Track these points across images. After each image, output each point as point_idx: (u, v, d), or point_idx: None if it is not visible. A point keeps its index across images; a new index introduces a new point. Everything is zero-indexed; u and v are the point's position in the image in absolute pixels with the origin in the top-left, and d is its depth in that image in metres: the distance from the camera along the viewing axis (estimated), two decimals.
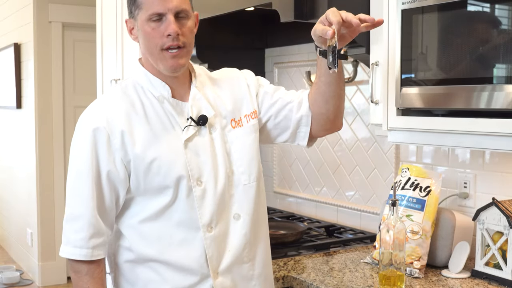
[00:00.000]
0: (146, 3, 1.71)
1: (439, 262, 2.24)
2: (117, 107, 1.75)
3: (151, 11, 1.70)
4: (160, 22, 1.71)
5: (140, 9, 1.73)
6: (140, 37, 1.77)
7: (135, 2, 1.74)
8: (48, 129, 5.81)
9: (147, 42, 1.74)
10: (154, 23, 1.71)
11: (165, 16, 1.70)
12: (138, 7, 1.73)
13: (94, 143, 1.72)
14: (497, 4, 1.79)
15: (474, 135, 1.89)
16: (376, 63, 2.33)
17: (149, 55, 1.77)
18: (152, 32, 1.71)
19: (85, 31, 5.79)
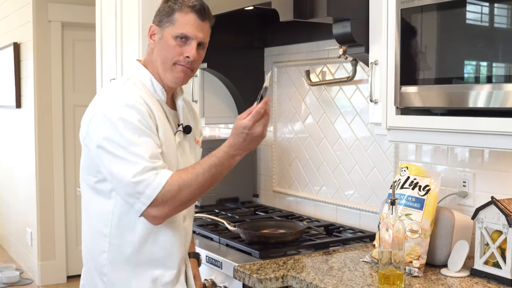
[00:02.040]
0: (180, 23, 1.94)
1: (438, 261, 2.25)
2: (142, 96, 1.93)
3: (182, 31, 1.94)
4: (184, 43, 1.95)
5: (172, 24, 1.95)
6: (159, 45, 1.98)
7: (171, 17, 1.96)
8: (48, 128, 5.81)
9: (166, 53, 1.96)
10: (179, 41, 1.95)
11: (190, 40, 1.95)
12: (170, 22, 1.96)
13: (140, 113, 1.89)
14: (496, 3, 1.80)
15: (473, 134, 1.90)
16: (375, 62, 2.33)
17: (162, 63, 1.98)
18: (175, 47, 1.95)
19: (85, 30, 5.79)
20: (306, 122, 3.27)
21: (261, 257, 2.39)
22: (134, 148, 1.83)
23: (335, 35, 2.46)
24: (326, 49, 3.09)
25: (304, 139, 3.29)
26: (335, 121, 3.06)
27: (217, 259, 2.47)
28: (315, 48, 3.18)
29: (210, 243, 2.71)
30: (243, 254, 2.47)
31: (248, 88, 3.55)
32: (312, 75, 3.18)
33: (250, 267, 2.27)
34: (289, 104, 3.39)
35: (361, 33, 2.39)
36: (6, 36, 6.71)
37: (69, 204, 5.94)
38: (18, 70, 6.29)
